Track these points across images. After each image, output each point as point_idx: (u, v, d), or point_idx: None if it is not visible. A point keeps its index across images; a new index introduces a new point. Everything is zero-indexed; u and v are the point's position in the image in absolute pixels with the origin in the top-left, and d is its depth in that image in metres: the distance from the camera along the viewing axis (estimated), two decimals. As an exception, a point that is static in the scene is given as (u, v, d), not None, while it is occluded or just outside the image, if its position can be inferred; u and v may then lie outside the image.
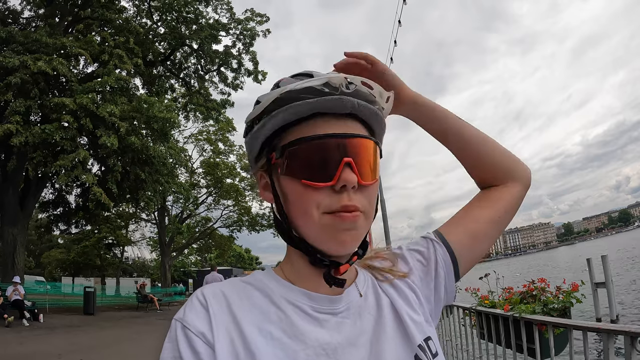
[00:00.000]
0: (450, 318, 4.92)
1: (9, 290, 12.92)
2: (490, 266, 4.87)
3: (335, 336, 0.68)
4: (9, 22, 17.09)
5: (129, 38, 17.21)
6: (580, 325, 2.55)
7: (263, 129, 0.69)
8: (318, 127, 0.66)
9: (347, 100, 0.66)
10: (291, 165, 0.66)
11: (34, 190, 17.30)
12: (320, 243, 0.68)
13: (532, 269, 46.80)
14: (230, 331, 0.64)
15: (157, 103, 16.56)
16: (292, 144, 0.66)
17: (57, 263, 42.36)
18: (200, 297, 0.68)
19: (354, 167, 0.65)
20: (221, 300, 0.68)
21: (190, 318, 0.65)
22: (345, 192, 0.65)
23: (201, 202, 33.96)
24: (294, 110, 0.66)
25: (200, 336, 0.63)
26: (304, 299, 0.71)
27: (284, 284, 0.73)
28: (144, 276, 43.47)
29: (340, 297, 0.72)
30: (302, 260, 0.73)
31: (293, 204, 0.68)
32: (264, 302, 0.70)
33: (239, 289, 0.71)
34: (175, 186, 20.52)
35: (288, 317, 0.68)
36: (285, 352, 0.64)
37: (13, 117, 13.26)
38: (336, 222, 0.65)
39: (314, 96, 0.65)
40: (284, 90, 0.66)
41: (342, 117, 0.68)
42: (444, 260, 0.83)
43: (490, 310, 3.70)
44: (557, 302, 3.19)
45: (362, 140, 0.68)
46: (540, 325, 2.95)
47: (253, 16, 21.67)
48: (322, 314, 0.70)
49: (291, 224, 0.70)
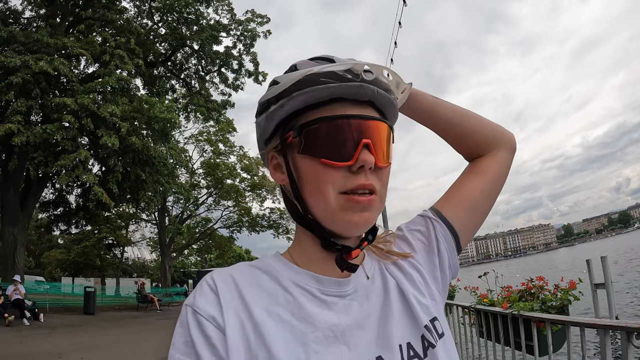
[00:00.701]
0: (450, 317, 4.95)
1: (10, 290, 12.92)
2: (490, 267, 4.87)
3: (343, 318, 0.69)
4: (10, 22, 17.12)
5: (130, 39, 17.24)
6: (577, 322, 2.57)
7: (281, 109, 0.69)
8: (336, 110, 0.67)
9: (368, 88, 0.68)
10: (310, 143, 0.67)
11: (35, 190, 17.32)
12: (331, 223, 0.69)
13: (531, 270, 46.73)
14: (240, 315, 0.65)
15: (157, 103, 16.59)
16: (311, 123, 0.67)
17: (57, 263, 42.33)
18: (210, 281, 0.69)
19: (372, 148, 0.67)
20: (230, 284, 0.69)
21: (201, 303, 0.65)
22: (362, 172, 0.66)
23: (201, 203, 33.93)
24: (316, 94, 0.67)
25: (211, 320, 0.64)
26: (312, 282, 0.71)
27: (292, 268, 0.74)
28: (144, 276, 43.40)
29: (348, 280, 0.73)
30: (313, 244, 0.73)
31: (309, 182, 0.69)
32: (272, 286, 0.71)
33: (247, 273, 0.72)
34: (175, 187, 20.53)
35: (296, 299, 0.69)
36: (294, 334, 0.65)
37: (14, 117, 13.29)
38: (351, 204, 0.66)
39: (335, 81, 0.66)
40: (308, 72, 0.67)
41: (360, 103, 0.69)
42: (445, 238, 0.84)
43: (489, 308, 3.73)
44: (555, 299, 3.23)
45: (380, 124, 0.69)
46: (538, 323, 2.98)
47: (254, 17, 21.71)
48: (330, 296, 0.71)
49: (305, 204, 0.70)
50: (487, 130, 0.94)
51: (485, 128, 0.94)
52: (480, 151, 0.94)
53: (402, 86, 0.79)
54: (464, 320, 4.47)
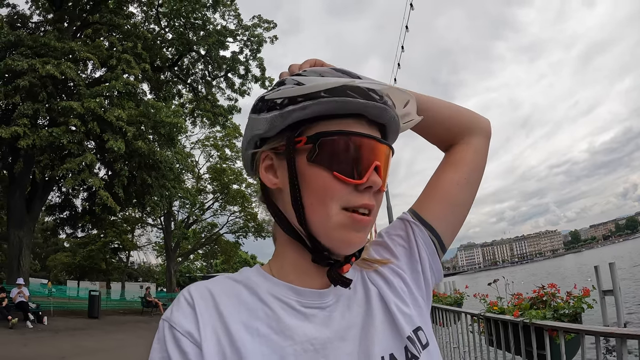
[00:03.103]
0: (458, 325, 4.85)
1: (14, 292, 12.95)
2: (497, 274, 4.79)
3: (323, 331, 0.67)
4: (18, 26, 17.27)
5: (136, 43, 17.35)
6: (592, 330, 2.48)
7: (302, 111, 0.66)
8: (353, 126, 0.67)
9: (389, 111, 0.69)
10: (324, 154, 0.65)
11: (41, 193, 17.38)
12: (327, 238, 0.67)
13: (537, 278, 46.39)
14: (216, 330, 0.64)
15: (164, 108, 16.68)
16: (329, 134, 0.66)
17: (63, 266, 42.47)
18: (187, 296, 0.67)
19: (380, 171, 0.67)
20: (208, 298, 0.67)
21: (177, 318, 0.64)
22: (367, 192, 0.66)
23: (207, 208, 34.02)
24: (343, 105, 0.65)
25: (187, 336, 0.62)
26: (290, 294, 0.70)
27: (271, 280, 0.72)
28: (150, 281, 43.46)
29: (328, 291, 0.72)
30: (298, 256, 0.72)
31: (313, 193, 0.66)
32: (250, 299, 0.69)
33: (226, 287, 0.71)
34: (181, 191, 20.57)
35: (275, 313, 0.67)
36: (272, 348, 0.63)
37: (21, 120, 13.34)
38: (351, 222, 0.66)
39: (362, 97, 0.66)
40: (342, 82, 0.65)
41: (373, 124, 0.70)
42: (424, 241, 0.81)
43: (499, 316, 3.63)
44: (568, 307, 3.12)
45: (388, 149, 0.70)
46: (551, 331, 2.88)
47: (260, 22, 21.79)
48: (309, 308, 0.69)
49: (303, 214, 0.68)
50: (459, 117, 0.91)
51: (457, 114, 0.91)
52: (454, 139, 0.90)
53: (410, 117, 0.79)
54: (473, 328, 4.36)
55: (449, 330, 5.16)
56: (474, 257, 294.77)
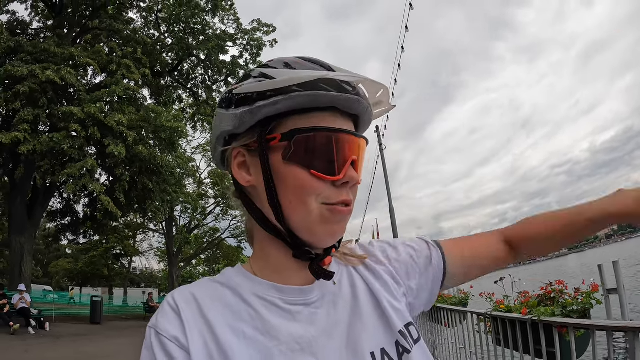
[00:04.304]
0: (464, 324, 4.79)
1: (15, 299, 12.93)
2: (499, 275, 4.73)
3: (309, 328, 0.67)
4: (18, 32, 17.31)
5: (136, 48, 17.40)
6: (603, 325, 2.42)
7: (273, 107, 0.63)
8: (327, 121, 0.65)
9: (362, 102, 0.67)
10: (300, 152, 0.63)
11: (42, 199, 17.38)
12: (308, 233, 0.66)
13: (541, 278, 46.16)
14: (203, 334, 0.63)
15: (164, 113, 16.69)
16: (304, 131, 0.63)
17: (65, 273, 42.51)
18: (171, 302, 0.66)
19: (357, 165, 0.66)
20: (192, 303, 0.66)
21: (163, 324, 0.64)
22: (344, 188, 0.65)
23: (209, 213, 33.99)
24: (315, 99, 0.63)
25: (174, 341, 0.62)
26: (273, 292, 0.69)
27: (253, 279, 0.71)
28: (152, 286, 43.45)
29: (312, 287, 0.70)
30: (278, 253, 0.70)
31: (291, 191, 0.65)
32: (234, 301, 0.68)
33: (209, 290, 0.70)
34: (183, 196, 20.56)
35: (259, 313, 0.66)
36: (258, 350, 0.63)
37: (21, 126, 13.38)
38: (332, 214, 0.65)
39: (335, 90, 0.63)
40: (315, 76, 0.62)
41: (347, 116, 0.68)
42: (438, 265, 0.81)
43: (506, 315, 3.57)
44: (577, 303, 3.07)
45: (363, 142, 0.69)
46: (560, 328, 2.82)
47: (260, 26, 21.87)
48: (294, 305, 0.68)
49: (281, 211, 0.66)
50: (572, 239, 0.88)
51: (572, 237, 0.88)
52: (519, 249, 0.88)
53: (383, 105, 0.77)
54: (480, 327, 4.30)
55: (455, 330, 5.11)
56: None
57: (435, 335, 5.95)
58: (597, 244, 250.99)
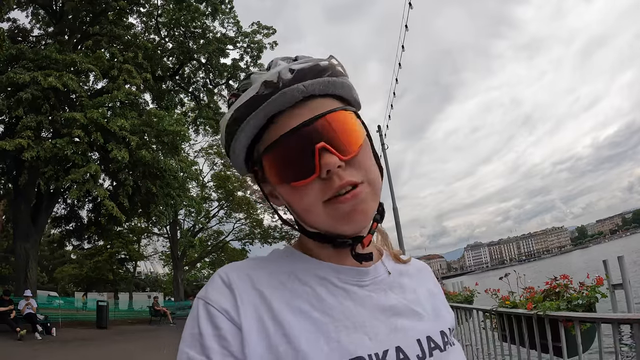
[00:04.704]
0: (470, 322, 4.80)
1: (22, 304, 12.95)
2: (503, 273, 4.71)
3: (361, 310, 0.67)
4: (19, 39, 17.37)
5: (137, 53, 17.45)
6: (609, 318, 2.43)
7: (234, 154, 0.70)
8: (281, 127, 0.64)
9: (292, 90, 0.64)
10: (273, 173, 0.66)
11: (46, 205, 17.41)
12: (333, 230, 0.67)
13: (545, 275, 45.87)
14: (258, 309, 0.63)
15: (166, 117, 16.70)
16: (263, 154, 0.66)
17: (70, 278, 42.51)
18: (223, 275, 0.67)
19: (329, 148, 0.62)
20: (245, 278, 0.67)
21: (214, 295, 0.64)
22: (333, 175, 0.62)
23: (213, 216, 34.01)
24: (249, 127, 0.66)
25: (224, 313, 0.62)
26: (329, 272, 0.70)
27: (307, 259, 0.72)
28: (157, 290, 43.45)
29: (367, 270, 0.72)
30: (322, 248, 0.72)
31: (295, 205, 0.67)
32: (288, 278, 0.69)
33: (262, 266, 0.70)
34: (186, 200, 20.56)
35: (314, 291, 0.67)
36: (315, 325, 0.63)
37: (24, 132, 13.42)
38: (339, 206, 0.63)
39: (258, 104, 0.64)
40: (227, 118, 0.67)
41: (302, 103, 0.65)
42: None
43: (512, 310, 3.57)
44: (582, 297, 3.07)
45: (327, 118, 0.64)
46: (566, 322, 2.82)
47: (259, 29, 21.92)
48: (349, 284, 0.69)
49: (304, 221, 0.70)
50: None
51: None
52: None
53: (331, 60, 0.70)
54: (485, 324, 4.30)
55: (461, 328, 5.11)
56: (481, 257, 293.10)
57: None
58: (602, 239, 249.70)
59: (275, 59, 0.70)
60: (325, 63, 0.68)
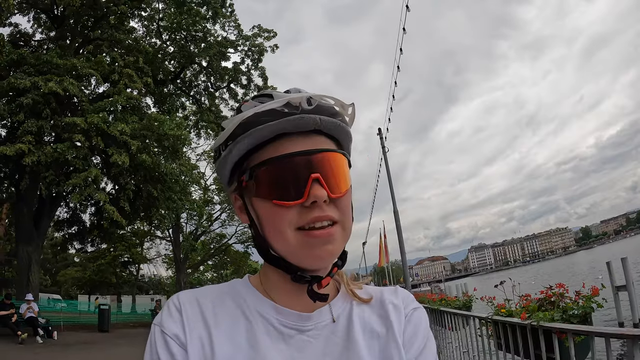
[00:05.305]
0: (467, 329, 4.78)
1: (23, 308, 12.99)
2: (508, 274, 4.71)
3: (296, 355, 0.68)
4: (21, 44, 17.43)
5: (138, 58, 17.47)
6: (602, 332, 2.40)
7: (230, 154, 0.70)
8: (284, 147, 0.67)
9: (309, 117, 0.67)
10: (260, 186, 0.68)
11: (48, 209, 17.45)
12: (296, 260, 0.68)
13: (547, 277, 45.75)
14: (201, 336, 0.67)
15: (167, 121, 16.73)
16: (259, 166, 0.67)
17: (73, 281, 42.66)
18: (175, 301, 0.71)
19: (322, 182, 0.65)
20: (195, 305, 0.71)
21: (167, 322, 0.69)
22: (316, 207, 0.65)
23: (215, 219, 34.06)
24: (258, 134, 0.67)
25: (174, 338, 0.67)
26: (272, 312, 0.72)
27: (257, 295, 0.74)
28: (160, 293, 43.54)
29: (310, 316, 0.72)
30: (279, 277, 0.73)
31: (267, 223, 0.69)
32: (235, 312, 0.71)
33: (213, 296, 0.73)
34: (188, 203, 20.57)
35: (254, 328, 0.69)
36: None
37: (25, 137, 13.44)
38: (310, 239, 0.66)
39: (274, 118, 0.66)
40: (246, 115, 0.67)
41: (308, 133, 0.68)
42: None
43: (507, 319, 3.55)
44: (577, 307, 3.03)
45: (329, 154, 0.69)
46: (559, 334, 2.79)
47: (260, 32, 21.94)
48: (287, 328, 0.70)
49: (268, 243, 0.71)
50: None
51: None
52: None
53: (346, 106, 0.75)
54: (482, 332, 4.28)
55: (458, 334, 5.09)
56: (485, 258, 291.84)
57: (439, 338, 5.93)
58: (606, 239, 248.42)
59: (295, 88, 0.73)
60: (340, 109, 0.72)
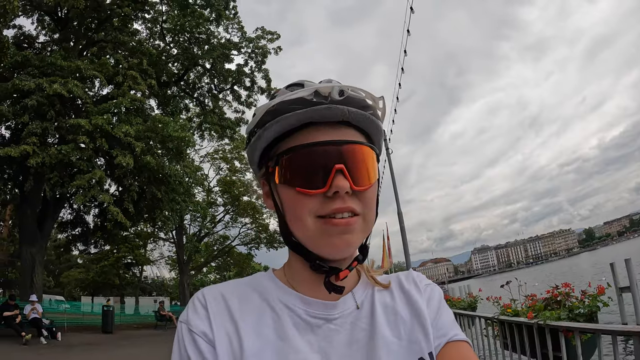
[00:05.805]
0: (472, 329, 4.77)
1: (27, 309, 13.00)
2: (511, 276, 4.70)
3: (324, 344, 0.69)
4: (25, 46, 17.54)
5: (142, 60, 17.53)
6: (608, 330, 2.40)
7: (259, 140, 0.71)
8: (311, 135, 0.67)
9: (337, 108, 0.67)
10: (285, 173, 0.68)
11: (52, 210, 17.50)
12: (314, 246, 0.69)
13: (550, 278, 45.50)
14: (228, 331, 0.68)
15: (171, 123, 16.79)
16: (285, 153, 0.68)
17: (77, 283, 42.70)
18: (201, 298, 0.72)
19: (346, 173, 0.66)
20: (220, 301, 0.71)
21: (193, 319, 0.69)
22: (338, 197, 0.66)
23: (219, 220, 34.06)
24: (285, 122, 0.67)
25: (202, 336, 0.67)
26: (299, 303, 0.72)
27: (282, 287, 0.75)
28: (163, 295, 43.54)
29: (335, 304, 0.73)
30: (302, 265, 0.74)
31: (289, 210, 0.70)
32: (261, 305, 0.72)
33: (238, 291, 0.74)
34: (192, 205, 20.60)
35: (281, 320, 0.70)
36: (277, 354, 0.66)
37: (30, 139, 13.49)
38: (328, 227, 0.66)
39: (303, 107, 0.66)
40: (275, 102, 0.68)
41: (336, 124, 0.69)
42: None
43: (513, 319, 3.55)
44: (583, 307, 3.04)
45: (354, 146, 0.69)
46: (566, 332, 2.79)
47: (264, 34, 22.02)
48: (315, 318, 0.71)
49: (289, 229, 0.71)
50: None
51: None
52: None
53: (377, 99, 0.75)
54: (487, 332, 4.28)
55: (464, 334, 5.08)
56: (488, 260, 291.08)
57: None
58: (610, 241, 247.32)
59: (328, 79, 0.73)
60: (371, 102, 0.72)
